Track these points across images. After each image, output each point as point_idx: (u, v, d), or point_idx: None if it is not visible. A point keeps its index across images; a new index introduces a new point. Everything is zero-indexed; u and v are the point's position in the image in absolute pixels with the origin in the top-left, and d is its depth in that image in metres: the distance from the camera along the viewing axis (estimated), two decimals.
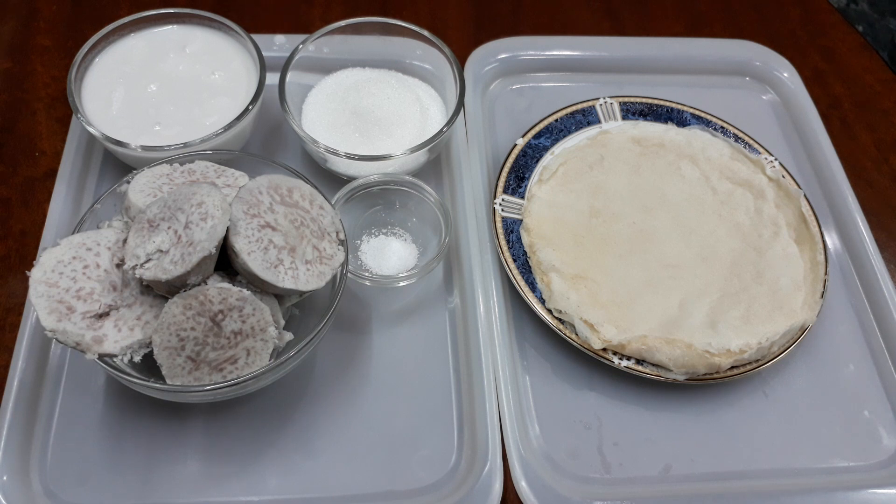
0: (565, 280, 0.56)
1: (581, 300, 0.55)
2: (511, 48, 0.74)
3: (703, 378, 0.54)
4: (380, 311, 0.58)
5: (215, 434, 0.52)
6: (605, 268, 0.58)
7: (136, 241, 0.46)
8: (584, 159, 0.64)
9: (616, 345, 0.54)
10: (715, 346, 0.54)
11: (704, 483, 0.53)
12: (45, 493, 0.49)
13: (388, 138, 0.61)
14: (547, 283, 0.56)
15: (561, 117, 0.67)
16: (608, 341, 0.54)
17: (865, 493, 0.52)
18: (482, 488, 0.50)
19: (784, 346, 0.56)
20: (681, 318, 0.56)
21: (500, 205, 0.61)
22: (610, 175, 0.64)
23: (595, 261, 0.58)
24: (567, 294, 0.55)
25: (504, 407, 0.53)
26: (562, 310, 0.55)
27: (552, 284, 0.56)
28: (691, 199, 0.63)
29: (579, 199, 0.62)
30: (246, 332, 0.45)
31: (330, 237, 0.50)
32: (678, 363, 0.53)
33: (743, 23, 0.82)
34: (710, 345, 0.54)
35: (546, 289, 0.56)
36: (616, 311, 0.56)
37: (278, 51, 0.69)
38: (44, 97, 0.69)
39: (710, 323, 0.55)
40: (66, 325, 0.44)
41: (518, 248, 0.59)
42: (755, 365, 0.55)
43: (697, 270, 0.59)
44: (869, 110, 0.76)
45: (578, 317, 0.54)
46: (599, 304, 0.56)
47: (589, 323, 0.54)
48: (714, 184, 0.64)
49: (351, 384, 0.55)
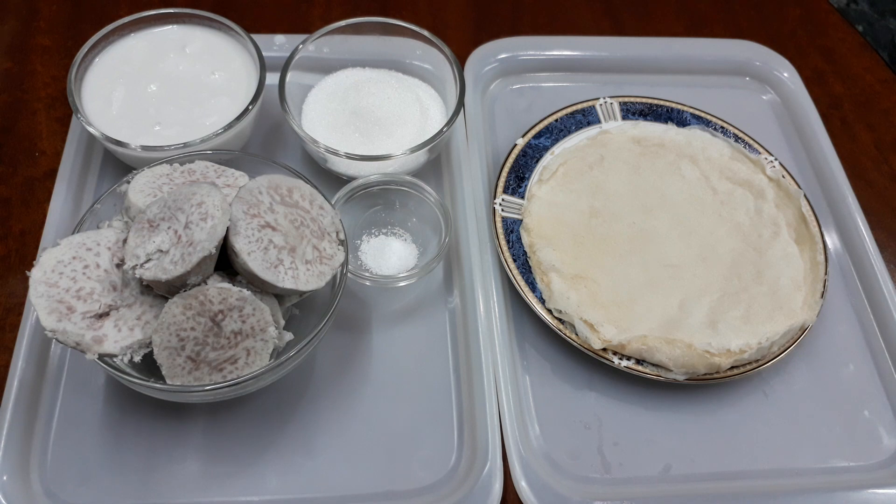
0: (565, 280, 0.56)
1: (581, 300, 0.55)
2: (511, 48, 0.74)
3: (704, 378, 0.54)
4: (380, 311, 0.58)
5: (215, 434, 0.52)
6: (604, 268, 0.58)
7: (136, 241, 0.46)
8: (584, 159, 0.64)
9: (616, 345, 0.54)
10: (715, 346, 0.54)
11: (704, 483, 0.53)
12: (45, 493, 0.49)
13: (388, 138, 0.61)
14: (547, 283, 0.56)
15: (561, 117, 0.67)
16: (608, 341, 0.54)
17: (865, 493, 0.52)
18: (482, 488, 0.50)
19: (784, 346, 0.56)
20: (681, 318, 0.56)
21: (500, 205, 0.61)
22: (610, 175, 0.64)
23: (595, 261, 0.58)
24: (567, 294, 0.55)
25: (504, 407, 0.53)
26: (562, 310, 0.55)
27: (552, 284, 0.56)
28: (691, 199, 0.63)
29: (579, 198, 0.62)
30: (246, 332, 0.45)
31: (330, 237, 0.50)
32: (678, 363, 0.53)
33: (743, 23, 0.82)
34: (710, 345, 0.54)
35: (546, 289, 0.56)
36: (616, 311, 0.56)
37: (278, 51, 0.69)
38: (44, 97, 0.69)
39: (710, 323, 0.55)
40: (66, 325, 0.44)
41: (518, 248, 0.59)
42: (755, 365, 0.55)
43: (697, 270, 0.59)
44: (869, 110, 0.76)
45: (578, 317, 0.54)
46: (599, 304, 0.56)
47: (589, 323, 0.54)
48: (714, 184, 0.64)
49: (351, 384, 0.55)
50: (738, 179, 0.64)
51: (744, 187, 0.64)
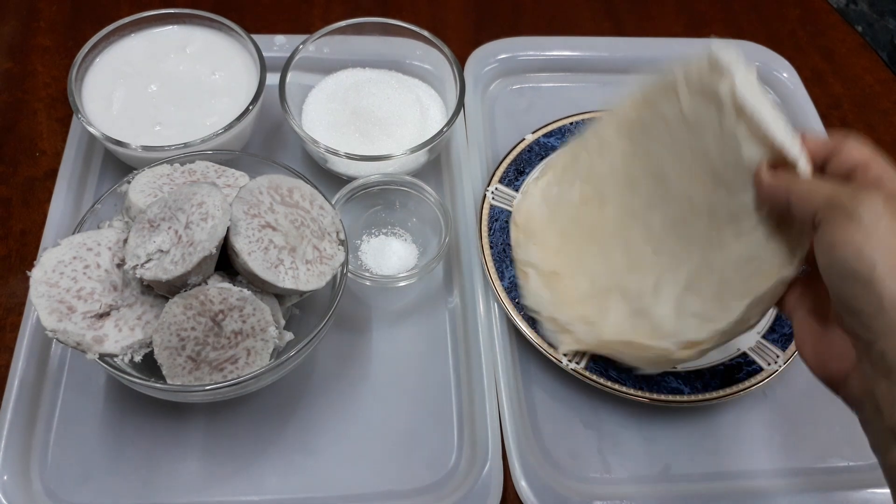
0: (541, 276, 0.55)
1: (553, 298, 0.54)
2: (511, 48, 0.74)
3: (687, 400, 0.53)
4: (380, 311, 0.58)
5: (215, 434, 0.52)
6: (586, 260, 0.55)
7: (137, 241, 0.46)
8: (585, 147, 0.58)
9: (580, 350, 0.53)
10: (678, 339, 0.47)
11: (704, 483, 0.53)
12: (45, 492, 0.49)
13: (388, 138, 0.61)
14: (524, 279, 0.56)
15: (576, 121, 0.66)
16: (571, 350, 0.53)
17: (865, 493, 0.52)
18: (482, 488, 0.50)
19: (763, 310, 0.44)
20: (651, 304, 0.50)
21: (492, 193, 0.61)
22: (604, 155, 0.55)
23: (578, 253, 0.56)
24: (540, 292, 0.55)
25: (504, 407, 0.53)
26: (533, 308, 0.54)
27: (528, 281, 0.55)
28: (673, 150, 0.49)
29: (572, 187, 0.57)
30: (246, 332, 0.45)
31: (330, 237, 0.50)
32: (643, 362, 0.51)
33: (743, 23, 0.82)
34: (674, 336, 0.48)
35: (525, 285, 0.56)
36: (590, 306, 0.53)
37: (278, 51, 0.69)
38: (44, 97, 0.69)
39: (677, 310, 0.48)
40: (67, 325, 0.44)
41: (498, 237, 0.59)
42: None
43: (671, 241, 0.49)
44: (869, 110, 0.76)
45: (548, 315, 0.54)
46: (572, 301, 0.54)
47: (559, 323, 0.53)
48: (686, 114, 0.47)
49: (351, 384, 0.55)
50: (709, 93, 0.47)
51: (709, 101, 0.46)
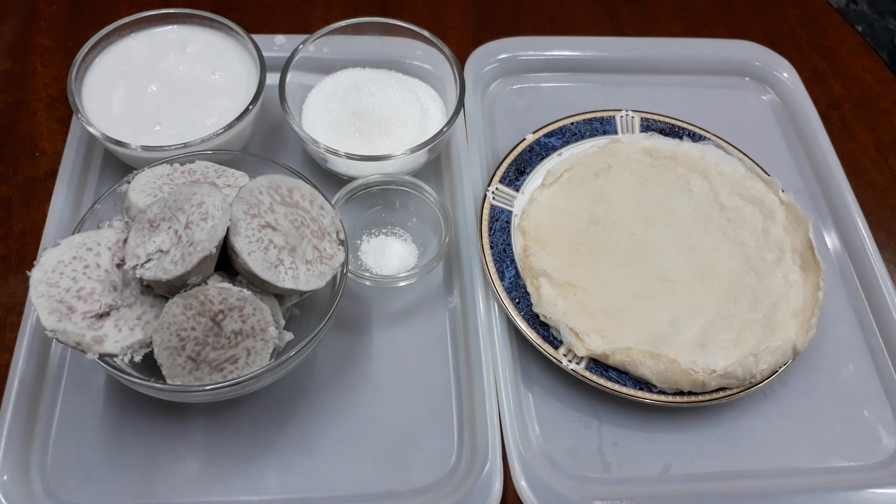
0: (555, 286, 0.56)
1: (568, 308, 0.55)
2: (511, 48, 0.74)
3: (687, 401, 0.53)
4: (380, 311, 0.58)
5: (215, 433, 0.52)
6: (598, 276, 0.57)
7: (137, 241, 0.46)
8: (591, 167, 0.63)
9: (599, 354, 0.53)
10: (700, 365, 0.53)
11: (704, 483, 0.53)
12: (45, 492, 0.49)
13: (388, 138, 0.61)
14: (536, 287, 0.56)
15: (577, 121, 0.66)
16: (591, 351, 0.53)
17: (865, 493, 0.52)
18: (482, 488, 0.50)
19: (774, 367, 0.54)
20: (669, 334, 0.55)
21: (492, 192, 0.61)
22: (615, 184, 0.62)
23: (589, 268, 0.58)
24: (555, 301, 0.55)
25: (504, 407, 0.53)
26: (548, 315, 0.55)
27: (541, 289, 0.55)
28: (696, 215, 0.61)
29: (581, 205, 0.61)
30: (246, 332, 0.45)
31: (330, 237, 0.50)
32: (661, 378, 0.52)
33: (742, 23, 0.82)
34: (695, 363, 0.53)
35: (535, 293, 0.56)
36: (604, 321, 0.55)
37: (278, 51, 0.69)
38: (44, 97, 0.69)
39: (700, 342, 0.54)
40: (67, 324, 0.44)
41: (499, 238, 0.59)
42: (738, 389, 0.53)
43: (693, 288, 0.57)
44: (869, 110, 0.76)
45: (565, 324, 0.54)
46: (587, 312, 0.55)
47: (575, 331, 0.54)
48: (723, 200, 0.62)
49: (351, 384, 0.55)
50: (750, 197, 0.62)
51: (754, 206, 0.61)
